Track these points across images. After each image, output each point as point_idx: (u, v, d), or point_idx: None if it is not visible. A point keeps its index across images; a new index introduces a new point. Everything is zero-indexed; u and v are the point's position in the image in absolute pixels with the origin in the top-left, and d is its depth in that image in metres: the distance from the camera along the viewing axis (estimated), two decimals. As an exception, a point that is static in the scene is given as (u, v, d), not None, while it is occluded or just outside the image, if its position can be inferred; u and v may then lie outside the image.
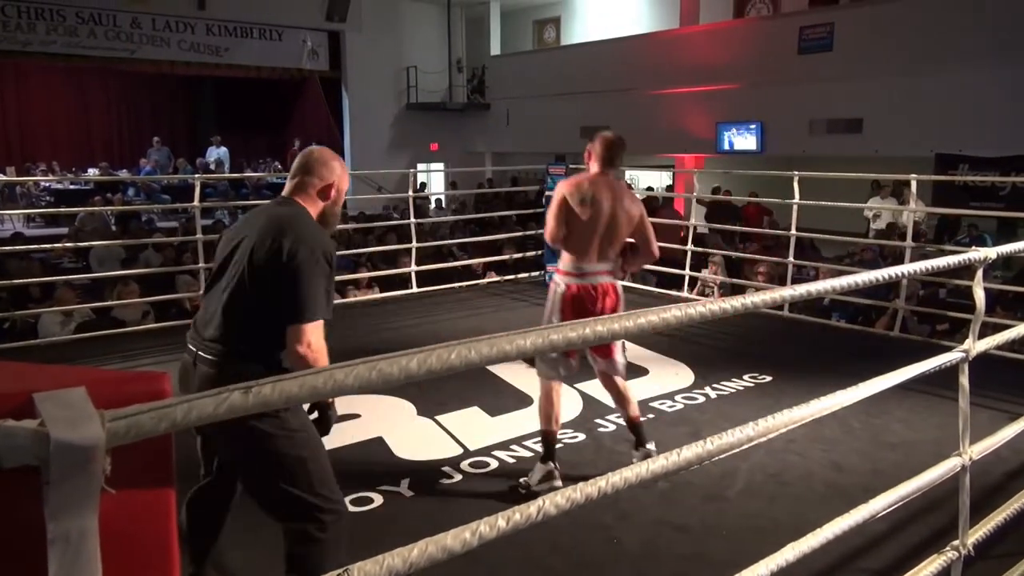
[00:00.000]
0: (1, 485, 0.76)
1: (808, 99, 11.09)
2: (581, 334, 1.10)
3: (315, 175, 2.28)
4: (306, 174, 2.28)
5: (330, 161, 2.34)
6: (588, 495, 1.19)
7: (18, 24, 12.04)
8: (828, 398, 1.62)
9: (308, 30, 14.84)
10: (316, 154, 2.36)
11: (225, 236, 2.32)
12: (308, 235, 2.12)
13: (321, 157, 2.34)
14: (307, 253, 2.07)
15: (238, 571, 2.72)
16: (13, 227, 12.34)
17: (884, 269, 1.64)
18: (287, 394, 0.86)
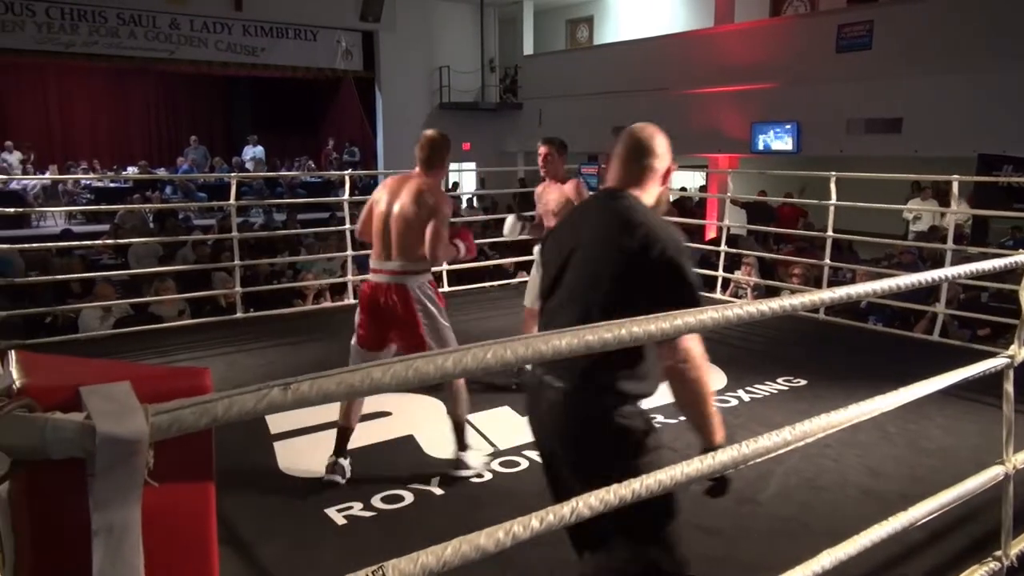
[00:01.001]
0: (49, 476, 0.77)
1: (846, 98, 10.92)
2: (617, 335, 1.10)
3: (653, 157, 1.96)
4: (644, 157, 1.95)
5: (662, 139, 2.01)
6: (623, 497, 1.19)
7: (61, 26, 12.33)
8: (867, 403, 1.59)
9: (342, 30, 14.98)
10: (647, 133, 2.00)
11: (553, 240, 2.01)
12: (665, 232, 1.82)
13: (654, 136, 1.99)
14: (675, 253, 1.77)
15: (268, 565, 2.75)
16: (56, 224, 12.65)
17: (928, 272, 1.61)
18: (325, 391, 0.87)
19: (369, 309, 3.36)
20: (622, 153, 1.97)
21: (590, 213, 1.96)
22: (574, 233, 1.92)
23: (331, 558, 2.76)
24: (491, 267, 8.30)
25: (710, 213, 12.79)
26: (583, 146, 14.10)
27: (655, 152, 1.95)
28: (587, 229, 1.89)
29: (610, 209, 1.88)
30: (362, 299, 3.43)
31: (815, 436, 1.48)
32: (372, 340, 3.40)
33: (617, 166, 1.96)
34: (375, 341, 3.40)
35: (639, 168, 1.93)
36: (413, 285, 3.30)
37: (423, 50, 15.91)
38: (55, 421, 0.73)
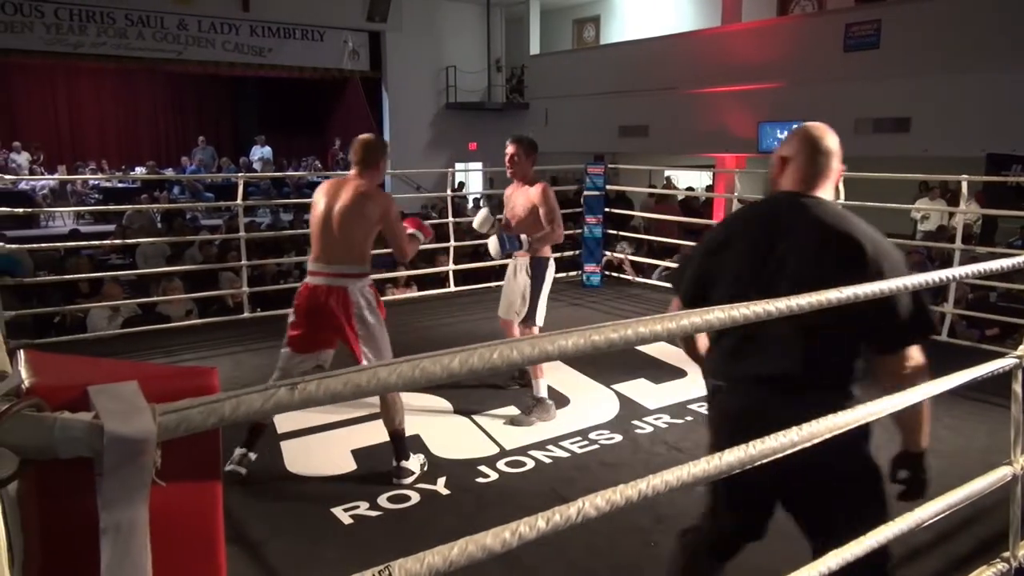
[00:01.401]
0: (57, 475, 0.78)
1: (854, 98, 10.87)
2: (623, 335, 1.10)
3: (837, 159, 1.91)
4: (832, 159, 1.90)
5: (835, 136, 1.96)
6: (628, 498, 1.18)
7: (70, 27, 12.39)
8: (874, 403, 1.59)
9: (349, 31, 15.01)
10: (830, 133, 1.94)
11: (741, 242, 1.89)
12: (873, 234, 1.79)
13: (835, 137, 1.93)
14: (896, 255, 1.77)
15: (274, 564, 2.76)
16: (64, 224, 12.71)
17: (936, 272, 1.60)
18: (332, 392, 0.87)
19: (306, 311, 3.31)
20: (808, 154, 1.90)
21: (786, 217, 1.85)
22: (767, 237, 1.83)
23: (337, 557, 2.77)
24: (496, 267, 8.29)
25: (717, 213, 12.77)
26: (590, 146, 14.12)
27: (838, 153, 1.92)
28: (788, 234, 1.81)
29: (814, 215, 1.82)
30: (299, 301, 3.36)
31: (822, 437, 1.47)
32: (303, 343, 3.34)
33: (803, 167, 1.89)
34: (306, 344, 3.34)
35: (827, 169, 1.89)
36: (354, 288, 3.27)
37: (430, 50, 15.93)
38: (64, 420, 0.73)
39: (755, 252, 1.84)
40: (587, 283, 7.82)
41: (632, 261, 8.17)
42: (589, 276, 7.84)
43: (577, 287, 7.77)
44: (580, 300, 7.23)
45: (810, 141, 1.91)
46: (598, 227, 7.80)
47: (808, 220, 1.81)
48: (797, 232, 1.81)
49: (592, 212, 7.83)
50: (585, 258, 7.90)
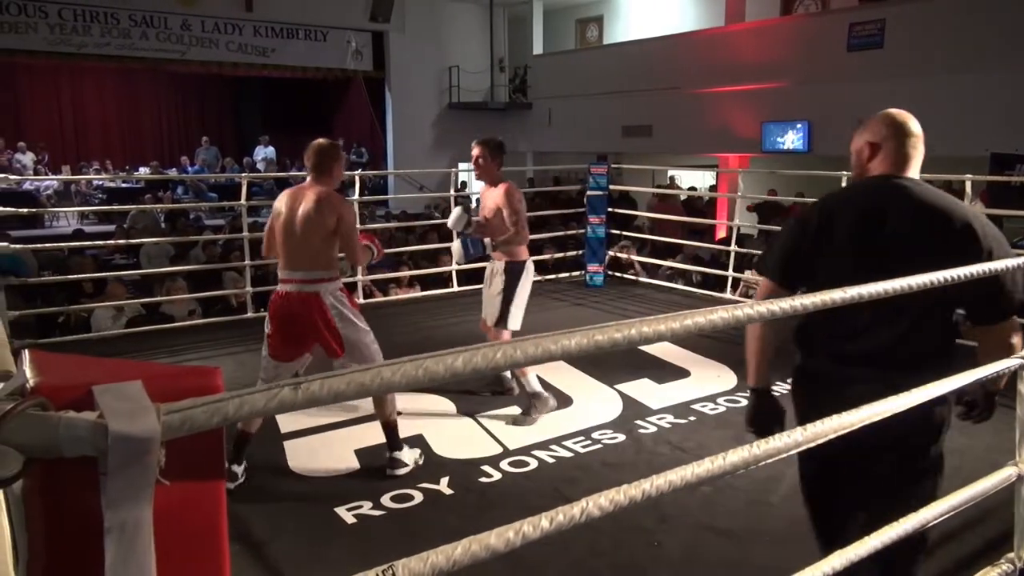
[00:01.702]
0: (62, 474, 0.78)
1: (857, 97, 10.83)
2: (627, 335, 1.09)
3: (922, 142, 2.01)
4: (919, 142, 2.00)
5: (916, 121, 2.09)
6: (632, 498, 1.18)
7: (74, 27, 12.41)
8: (880, 403, 1.58)
9: (353, 31, 15.02)
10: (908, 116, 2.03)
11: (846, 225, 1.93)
12: (976, 212, 1.92)
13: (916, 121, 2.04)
14: (998, 231, 1.89)
15: (278, 563, 2.76)
16: (69, 224, 12.74)
17: (939, 272, 1.59)
18: (335, 391, 0.87)
19: (280, 319, 3.34)
20: (900, 138, 1.99)
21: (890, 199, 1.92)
22: (874, 219, 1.90)
23: (341, 556, 2.77)
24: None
25: (720, 213, 12.76)
26: (593, 146, 14.11)
27: (923, 137, 2.00)
28: (895, 215, 1.89)
29: (919, 196, 1.90)
30: (272, 310, 3.38)
31: (827, 437, 1.47)
32: (283, 351, 3.37)
33: (896, 151, 1.98)
34: (286, 352, 3.38)
35: (917, 152, 1.99)
36: (325, 292, 3.30)
37: (433, 50, 15.93)
38: (68, 420, 0.73)
39: (862, 234, 1.91)
40: (590, 283, 7.82)
41: (632, 260, 8.17)
42: (592, 276, 7.84)
43: (580, 287, 7.77)
44: (583, 300, 7.22)
45: (899, 126, 2.00)
46: (601, 227, 7.80)
47: (914, 201, 1.89)
48: (904, 213, 1.89)
49: (595, 212, 7.82)
50: (588, 258, 7.90)
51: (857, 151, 2.08)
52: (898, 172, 1.96)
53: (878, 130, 2.03)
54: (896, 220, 1.88)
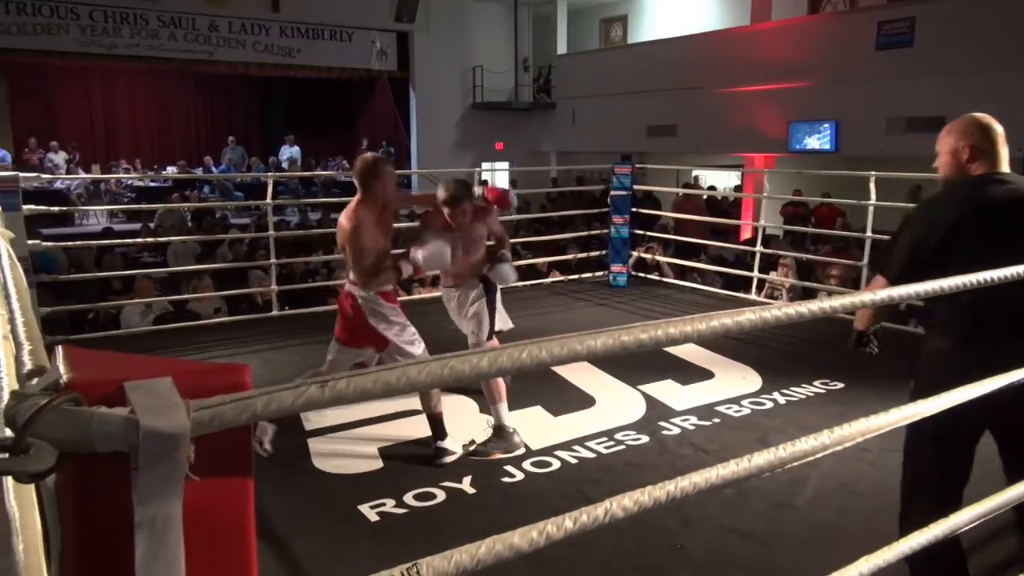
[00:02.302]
0: (94, 469, 0.79)
1: (886, 96, 10.71)
2: (653, 336, 1.09)
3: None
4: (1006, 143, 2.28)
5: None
6: (656, 499, 1.18)
7: (104, 28, 12.61)
8: (910, 407, 1.56)
9: (377, 31, 15.10)
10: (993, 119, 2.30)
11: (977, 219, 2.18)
12: None
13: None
14: None
15: (301, 560, 2.79)
16: (98, 222, 12.95)
17: (973, 275, 1.57)
18: (362, 390, 0.87)
19: (340, 310, 3.71)
20: (996, 141, 2.27)
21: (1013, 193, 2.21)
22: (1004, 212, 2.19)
23: (364, 554, 2.79)
24: (524, 267, 8.29)
25: (745, 213, 12.65)
26: (617, 145, 14.06)
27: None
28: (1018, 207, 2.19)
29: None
30: (338, 300, 3.82)
31: (854, 440, 1.45)
32: (341, 335, 3.70)
33: (995, 153, 2.26)
34: (344, 336, 3.69)
35: (1006, 151, 2.27)
36: (358, 295, 3.56)
37: (457, 50, 15.98)
38: (101, 415, 0.74)
39: (997, 226, 2.18)
40: (613, 283, 7.79)
41: (656, 260, 8.13)
42: (615, 276, 7.81)
43: (603, 287, 7.75)
44: (606, 300, 7.20)
45: (993, 130, 2.28)
46: (625, 227, 7.77)
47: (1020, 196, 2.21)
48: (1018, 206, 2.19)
49: (619, 212, 7.79)
50: (611, 258, 7.88)
51: (953, 152, 2.31)
52: (997, 169, 2.24)
53: (971, 132, 2.29)
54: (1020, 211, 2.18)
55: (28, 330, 1.16)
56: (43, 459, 0.73)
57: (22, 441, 0.72)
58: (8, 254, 2.13)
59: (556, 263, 8.32)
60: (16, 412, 0.72)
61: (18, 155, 13.80)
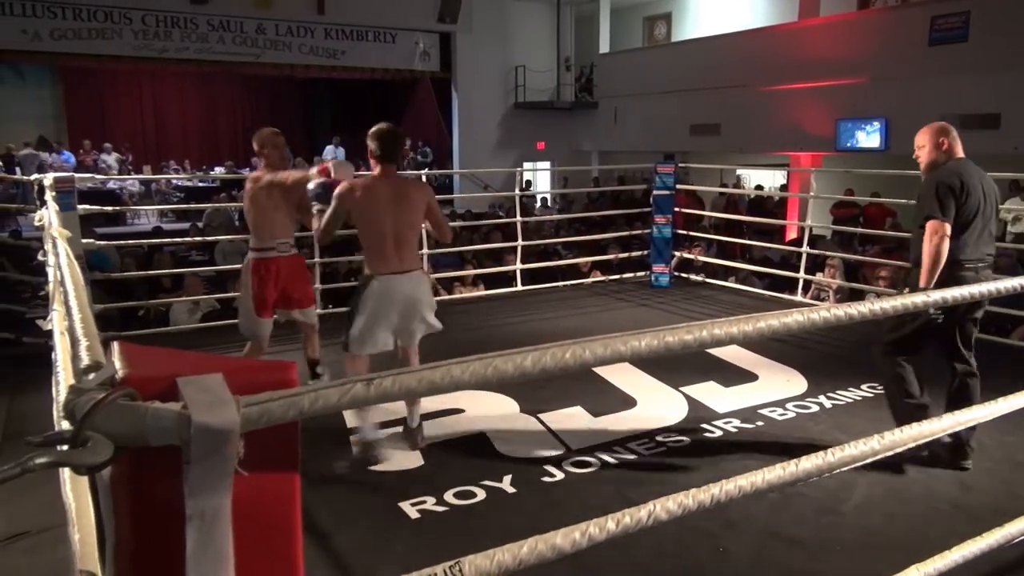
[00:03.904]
0: (148, 462, 0.81)
1: (939, 93, 10.43)
2: (697, 337, 1.08)
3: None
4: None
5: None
6: (701, 502, 1.17)
7: (156, 33, 12.94)
8: (961, 413, 1.52)
9: (420, 32, 15.22)
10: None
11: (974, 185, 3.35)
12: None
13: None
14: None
15: (343, 554, 2.82)
16: (148, 221, 13.29)
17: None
18: (407, 388, 0.88)
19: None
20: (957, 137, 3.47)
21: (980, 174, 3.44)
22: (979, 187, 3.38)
23: (405, 550, 2.81)
24: (564, 267, 8.28)
25: (791, 213, 12.44)
26: (659, 145, 13.94)
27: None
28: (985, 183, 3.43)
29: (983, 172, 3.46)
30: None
31: (905, 446, 1.42)
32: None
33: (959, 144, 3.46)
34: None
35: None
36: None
37: (499, 50, 16.01)
38: (155, 410, 0.76)
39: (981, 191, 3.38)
40: (655, 283, 7.73)
41: (703, 262, 8.04)
42: (657, 276, 7.75)
43: (645, 287, 7.69)
44: (648, 301, 7.15)
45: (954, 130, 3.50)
46: (667, 227, 7.70)
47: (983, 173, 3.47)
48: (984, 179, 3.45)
49: (661, 212, 7.73)
50: (654, 258, 7.81)
51: (936, 145, 3.46)
52: (963, 155, 3.47)
53: (946, 131, 3.48)
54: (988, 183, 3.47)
55: (85, 326, 1.19)
56: (100, 452, 0.75)
57: (80, 434, 0.74)
58: (66, 252, 2.19)
59: (597, 263, 8.29)
60: (75, 406, 0.75)
61: (73, 156, 14.25)
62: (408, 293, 3.44)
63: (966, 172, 3.36)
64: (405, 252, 3.43)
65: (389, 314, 3.44)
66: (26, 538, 2.88)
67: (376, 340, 3.48)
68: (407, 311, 3.47)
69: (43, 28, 12.12)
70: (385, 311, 3.43)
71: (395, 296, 3.42)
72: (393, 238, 3.40)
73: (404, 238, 3.42)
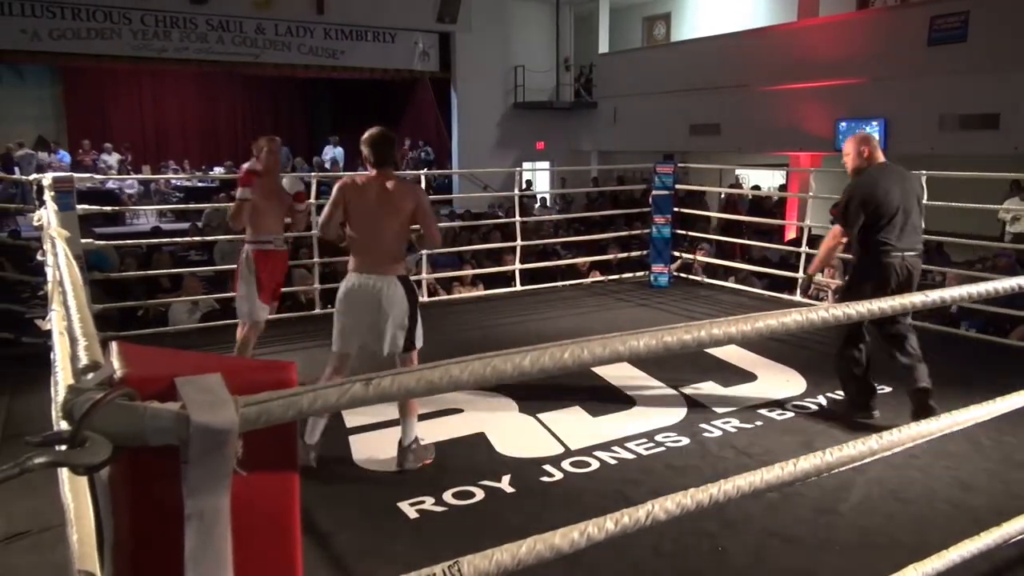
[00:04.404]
0: (146, 462, 0.81)
1: (938, 93, 10.43)
2: (696, 336, 1.08)
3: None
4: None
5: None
6: (699, 502, 1.17)
7: (155, 32, 12.93)
8: (960, 413, 1.52)
9: (420, 32, 15.21)
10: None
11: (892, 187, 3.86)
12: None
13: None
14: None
15: (342, 554, 2.82)
16: (147, 221, 13.28)
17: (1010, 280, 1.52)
18: (405, 388, 0.88)
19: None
20: (877, 144, 4.07)
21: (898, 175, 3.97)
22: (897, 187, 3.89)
23: (403, 550, 2.81)
24: (563, 267, 8.28)
25: (790, 213, 12.44)
26: (659, 144, 13.94)
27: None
28: (905, 182, 3.95)
29: (900, 169, 4.03)
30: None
31: (903, 446, 1.42)
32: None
33: (879, 150, 4.01)
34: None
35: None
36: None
37: (498, 50, 16.01)
38: (154, 410, 0.76)
39: (900, 193, 3.87)
40: (655, 284, 7.73)
41: (703, 262, 8.04)
42: (657, 276, 7.75)
43: (644, 287, 7.70)
44: (647, 301, 7.15)
45: (875, 138, 4.18)
46: (667, 227, 7.70)
47: (906, 173, 4.02)
48: (906, 180, 3.98)
49: (660, 212, 7.73)
50: (653, 258, 7.82)
51: (857, 153, 4.00)
52: (883, 160, 4.01)
53: (867, 140, 4.08)
54: (911, 181, 4.02)
55: (83, 326, 1.19)
56: (98, 452, 0.75)
57: (79, 434, 0.74)
58: (64, 252, 2.19)
59: (597, 263, 8.29)
60: (73, 406, 0.75)
61: (72, 156, 14.24)
62: (375, 294, 3.40)
63: (883, 176, 3.90)
64: (380, 254, 3.42)
65: (360, 312, 3.44)
66: (25, 538, 2.88)
67: (350, 338, 3.50)
68: (377, 311, 3.42)
69: (42, 28, 12.10)
70: (356, 308, 3.44)
71: (364, 295, 3.41)
72: (371, 239, 3.41)
73: (382, 241, 3.41)
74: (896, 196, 3.82)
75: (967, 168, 6.81)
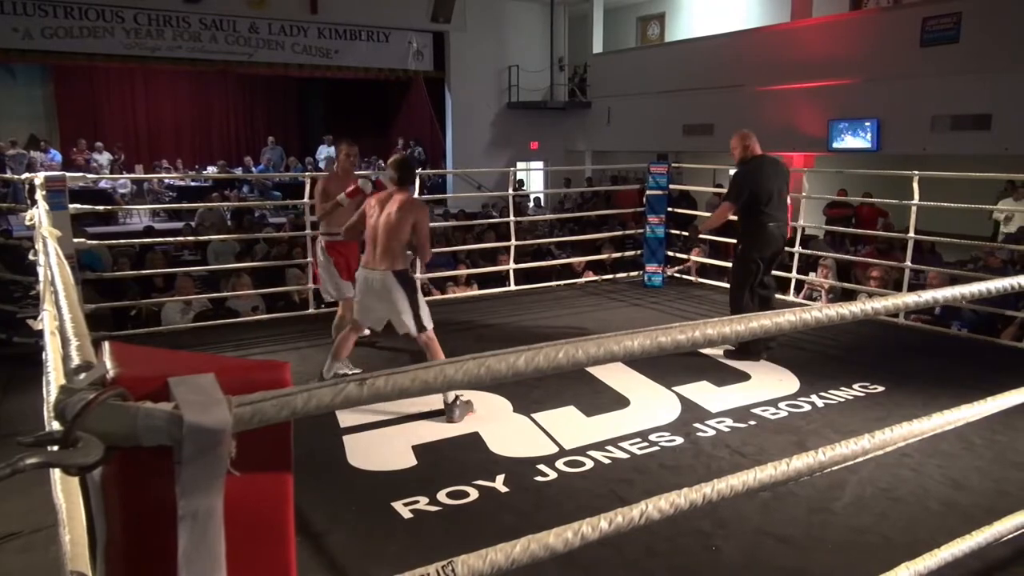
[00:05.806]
0: (139, 462, 0.81)
1: (931, 94, 10.48)
2: (691, 337, 1.08)
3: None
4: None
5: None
6: (692, 501, 1.17)
7: (148, 31, 12.89)
8: (952, 412, 1.53)
9: (414, 31, 15.20)
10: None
11: (771, 175, 4.98)
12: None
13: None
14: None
15: (336, 555, 2.82)
16: (140, 221, 13.23)
17: (1020, 276, 1.53)
18: (400, 387, 0.88)
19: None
20: (755, 138, 5.08)
21: (772, 164, 5.06)
22: (774, 171, 5.04)
23: (398, 550, 2.81)
24: (558, 267, 8.29)
25: (783, 213, 12.45)
26: (653, 144, 13.97)
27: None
28: (777, 168, 5.07)
29: (776, 160, 5.13)
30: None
31: (895, 445, 1.43)
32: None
33: (757, 143, 5.04)
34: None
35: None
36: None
37: (493, 50, 16.01)
38: (147, 410, 0.76)
39: (775, 177, 5.01)
40: (648, 283, 7.74)
41: (695, 261, 8.05)
42: (650, 276, 7.76)
43: (638, 287, 7.71)
44: (641, 300, 7.16)
45: (752, 135, 5.10)
46: (660, 227, 7.71)
47: (778, 162, 5.16)
48: (778, 167, 5.11)
49: (655, 212, 7.74)
50: (647, 258, 7.82)
51: (744, 146, 5.03)
52: (761, 152, 5.03)
53: (749, 135, 5.05)
54: (782, 168, 5.12)
55: (75, 326, 1.19)
56: (91, 452, 0.75)
57: (71, 434, 0.74)
58: (56, 252, 2.18)
59: (591, 263, 8.30)
60: (65, 406, 0.74)
61: (65, 155, 14.17)
62: (376, 286, 4.13)
63: (763, 165, 5.00)
64: (382, 254, 4.13)
65: (369, 298, 4.22)
66: (17, 539, 2.87)
67: (365, 315, 4.29)
68: (380, 299, 4.15)
69: (34, 26, 12.05)
70: (366, 294, 4.22)
71: (369, 285, 4.19)
72: (375, 241, 4.14)
73: (384, 244, 4.12)
74: (772, 180, 4.95)
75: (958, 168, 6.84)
